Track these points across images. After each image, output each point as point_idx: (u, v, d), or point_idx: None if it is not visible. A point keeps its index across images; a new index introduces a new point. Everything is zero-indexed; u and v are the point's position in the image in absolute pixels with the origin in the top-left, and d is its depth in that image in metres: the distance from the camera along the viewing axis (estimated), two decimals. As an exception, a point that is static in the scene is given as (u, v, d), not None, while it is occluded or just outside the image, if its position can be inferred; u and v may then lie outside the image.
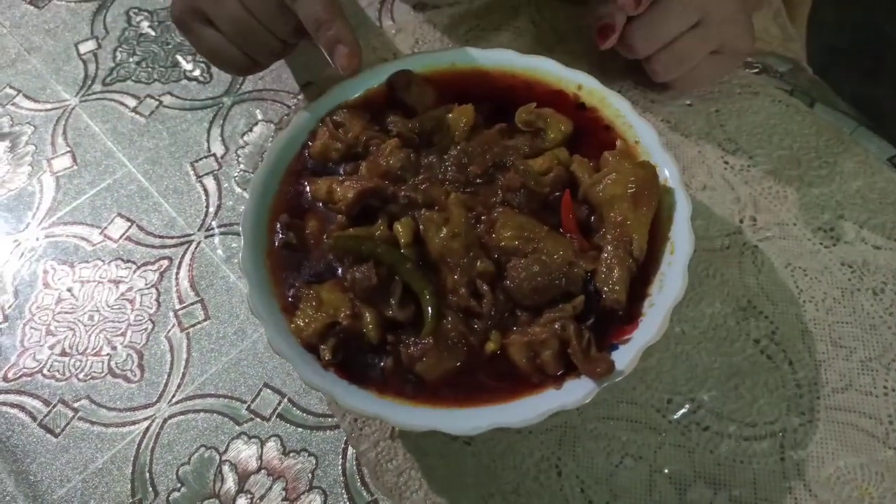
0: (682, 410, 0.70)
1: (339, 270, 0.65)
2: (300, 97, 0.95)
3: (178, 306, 0.81)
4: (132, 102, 1.03)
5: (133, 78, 1.02)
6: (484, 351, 0.61)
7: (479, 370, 0.61)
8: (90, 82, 1.05)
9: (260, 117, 0.96)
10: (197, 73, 1.02)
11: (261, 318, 0.66)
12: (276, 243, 0.67)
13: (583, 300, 0.63)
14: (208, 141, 0.94)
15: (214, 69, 0.98)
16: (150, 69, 1.03)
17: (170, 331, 0.80)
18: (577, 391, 0.62)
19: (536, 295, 0.62)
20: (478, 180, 0.68)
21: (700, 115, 0.94)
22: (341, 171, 0.71)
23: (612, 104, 0.78)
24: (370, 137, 0.71)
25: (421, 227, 0.63)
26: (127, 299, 0.83)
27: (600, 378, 0.61)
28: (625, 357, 0.63)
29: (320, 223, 0.68)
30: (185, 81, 1.05)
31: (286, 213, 0.69)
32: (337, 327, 0.61)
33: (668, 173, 0.72)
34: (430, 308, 0.60)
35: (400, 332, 0.61)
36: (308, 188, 0.71)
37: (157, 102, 1.03)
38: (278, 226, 0.68)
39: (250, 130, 0.95)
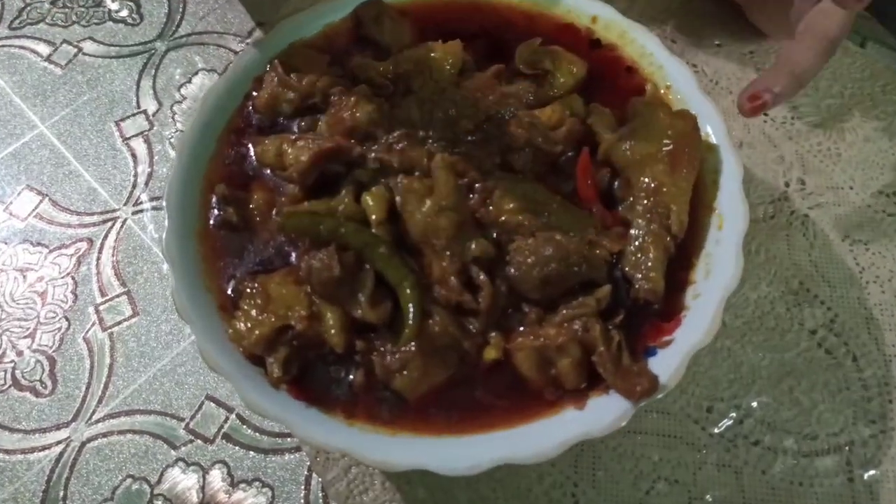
0: (726, 421, 0.64)
1: (293, 257, 0.58)
2: (249, 42, 0.87)
3: (99, 300, 0.73)
4: (45, 50, 0.90)
5: (47, 20, 0.91)
6: (482, 359, 0.53)
7: (475, 385, 0.54)
8: (-7, 26, 0.92)
9: (200, 66, 0.87)
10: (124, 13, 0.91)
11: (189, 320, 0.54)
12: (212, 222, 0.60)
13: (609, 291, 0.55)
14: (137, 95, 0.85)
15: (146, 7, 0.89)
16: (67, 9, 0.91)
17: (89, 331, 0.71)
18: (605, 412, 0.51)
19: (548, 286, 0.54)
20: (469, 137, 0.60)
21: (732, 57, 0.83)
22: (295, 128, 0.64)
23: (636, 40, 0.67)
24: (331, 85, 0.63)
25: (397, 198, 0.55)
26: (36, 292, 0.74)
27: (639, 399, 0.48)
28: (666, 365, 0.52)
29: (268, 195, 0.61)
30: (109, 24, 0.91)
31: (224, 182, 0.61)
32: (290, 332, 0.54)
33: (710, 127, 0.61)
34: (410, 305, 0.52)
35: (372, 336, 0.54)
36: (252, 150, 0.63)
37: (76, 49, 0.90)
38: (214, 199, 0.60)
39: (189, 82, 0.86)
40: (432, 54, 0.64)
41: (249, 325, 0.53)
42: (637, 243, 0.56)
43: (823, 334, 0.67)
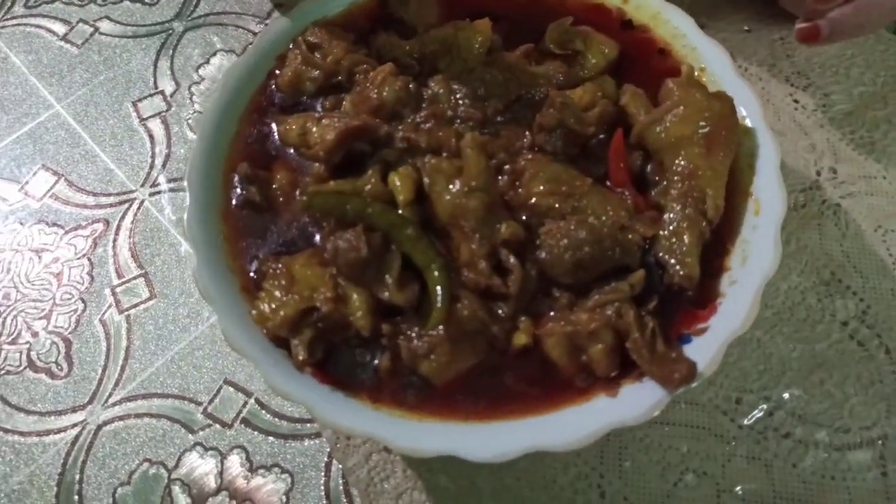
0: (756, 413, 0.62)
1: (317, 237, 0.56)
2: (270, 21, 0.83)
3: (115, 282, 0.71)
4: (61, 29, 0.89)
5: (63, -1, 0.90)
6: (511, 345, 0.52)
7: (504, 370, 0.52)
8: (9, 3, 0.91)
9: (219, 46, 0.86)
10: (142, -8, 0.91)
11: (212, 301, 0.53)
12: (235, 202, 0.58)
13: (643, 276, 0.53)
14: (155, 76, 0.84)
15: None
16: (83, -12, 0.92)
17: (105, 313, 0.70)
18: (638, 401, 0.49)
19: (581, 270, 0.52)
20: (499, 118, 0.59)
21: (761, 42, 0.81)
22: (319, 107, 0.62)
23: (669, 21, 0.65)
24: (356, 63, 0.62)
25: (425, 179, 0.54)
26: (51, 273, 0.72)
27: (677, 386, 0.46)
28: (702, 353, 0.50)
29: (291, 175, 0.59)
30: (126, 3, 0.90)
31: (247, 161, 0.59)
32: (315, 314, 0.52)
33: (746, 110, 0.59)
34: (438, 288, 0.51)
35: (399, 320, 0.52)
36: (276, 129, 0.61)
37: (93, 29, 0.88)
38: (236, 178, 0.59)
39: (207, 62, 0.85)
40: (460, 33, 0.63)
41: (273, 306, 0.52)
42: (671, 228, 0.54)
43: (855, 326, 0.65)
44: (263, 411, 0.64)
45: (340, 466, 0.61)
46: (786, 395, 0.62)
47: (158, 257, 0.72)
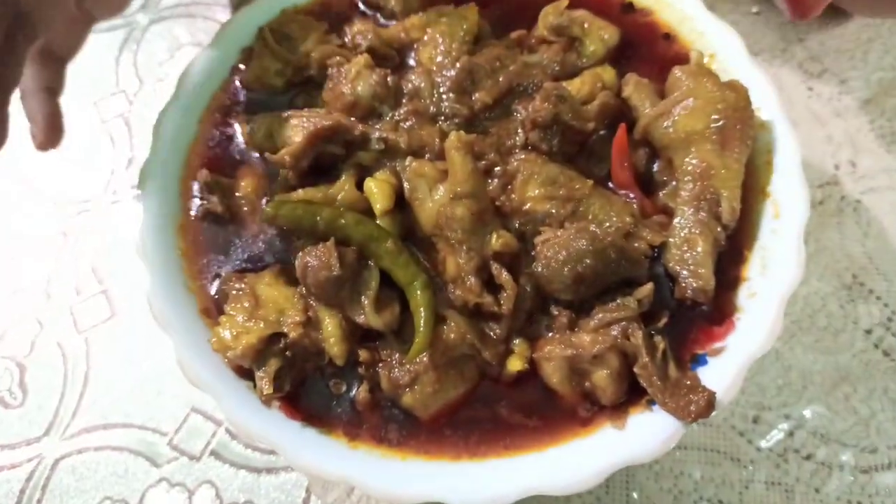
0: (775, 433, 0.59)
1: (286, 253, 0.53)
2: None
3: (74, 299, 0.67)
4: None
5: (18, -9, 0.78)
6: (505, 371, 0.49)
7: (498, 400, 0.49)
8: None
9: (186, 40, 0.81)
10: (102, -18, 0.79)
11: (166, 327, 0.49)
12: (194, 213, 0.54)
13: (651, 290, 0.49)
14: (117, 73, 0.79)
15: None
16: (40, -21, 0.79)
17: (63, 334, 0.66)
18: (649, 433, 0.45)
19: (582, 285, 0.48)
20: (488, 114, 0.55)
21: (771, 26, 0.76)
22: (287, 105, 0.58)
23: (674, 3, 0.60)
24: (327, 55, 0.58)
25: (406, 184, 0.51)
26: (4, 291, 0.68)
27: (694, 420, 0.42)
28: (719, 377, 0.46)
29: (258, 182, 0.55)
30: None
31: (208, 167, 0.55)
32: (282, 341, 0.48)
33: (761, 100, 0.54)
34: (422, 309, 0.47)
35: (377, 345, 0.50)
36: (240, 131, 0.57)
37: None
38: (196, 187, 0.55)
39: (172, 58, 0.79)
40: (443, 20, 0.59)
41: (235, 332, 0.47)
42: (682, 234, 0.50)
43: (880, 334, 0.61)
44: (234, 442, 0.60)
45: (320, 502, 0.57)
46: (807, 413, 0.59)
47: (121, 272, 0.68)
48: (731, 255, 0.51)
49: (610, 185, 0.53)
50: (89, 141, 0.75)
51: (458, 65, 0.54)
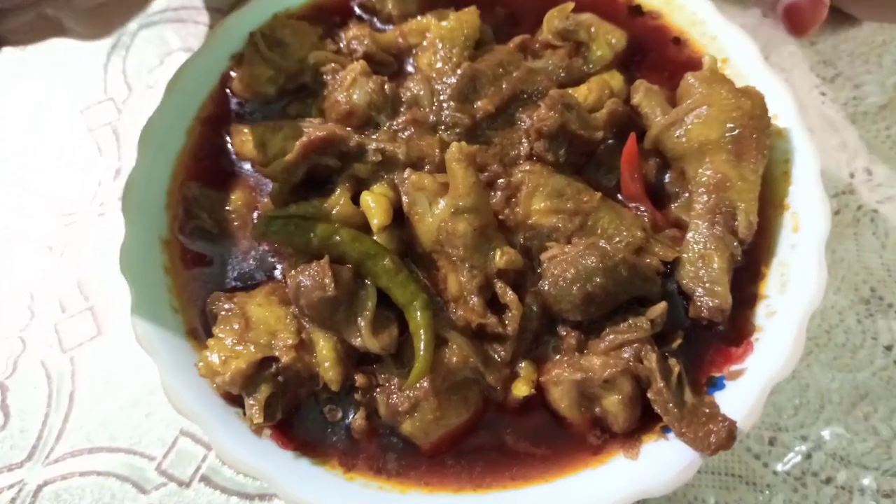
0: (792, 456, 0.57)
1: (278, 270, 0.52)
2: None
3: (59, 316, 0.65)
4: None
5: (4, -4, 0.78)
6: (510, 396, 0.48)
7: (503, 427, 0.48)
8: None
9: (177, 45, 0.79)
10: (91, -13, 0.77)
11: (151, 350, 0.47)
12: (181, 228, 0.53)
13: (664, 310, 0.47)
14: (105, 80, 0.77)
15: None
16: (26, -16, 0.78)
17: (47, 353, 0.64)
18: (663, 463, 0.43)
19: (591, 304, 0.47)
20: (490, 122, 0.54)
21: (781, 29, 0.73)
22: (280, 114, 0.58)
23: (685, 6, 0.59)
24: (322, 61, 0.57)
25: (404, 198, 0.51)
26: None
27: (713, 452, 0.40)
28: (738, 402, 0.44)
29: (249, 195, 0.55)
30: None
31: (196, 180, 0.55)
32: (273, 365, 0.47)
33: (778, 107, 0.53)
34: (422, 331, 0.46)
35: (375, 369, 0.48)
36: (230, 141, 0.57)
37: None
38: (183, 200, 0.54)
39: (162, 64, 0.78)
40: (443, 24, 0.58)
41: (224, 356, 0.46)
42: (697, 249, 0.48)
43: None
44: (225, 467, 0.58)
45: (315, 531, 0.54)
46: (825, 434, 0.58)
47: (106, 288, 0.66)
48: (748, 271, 0.50)
49: (619, 197, 0.53)
50: (75, 151, 0.73)
51: (458, 71, 0.54)
